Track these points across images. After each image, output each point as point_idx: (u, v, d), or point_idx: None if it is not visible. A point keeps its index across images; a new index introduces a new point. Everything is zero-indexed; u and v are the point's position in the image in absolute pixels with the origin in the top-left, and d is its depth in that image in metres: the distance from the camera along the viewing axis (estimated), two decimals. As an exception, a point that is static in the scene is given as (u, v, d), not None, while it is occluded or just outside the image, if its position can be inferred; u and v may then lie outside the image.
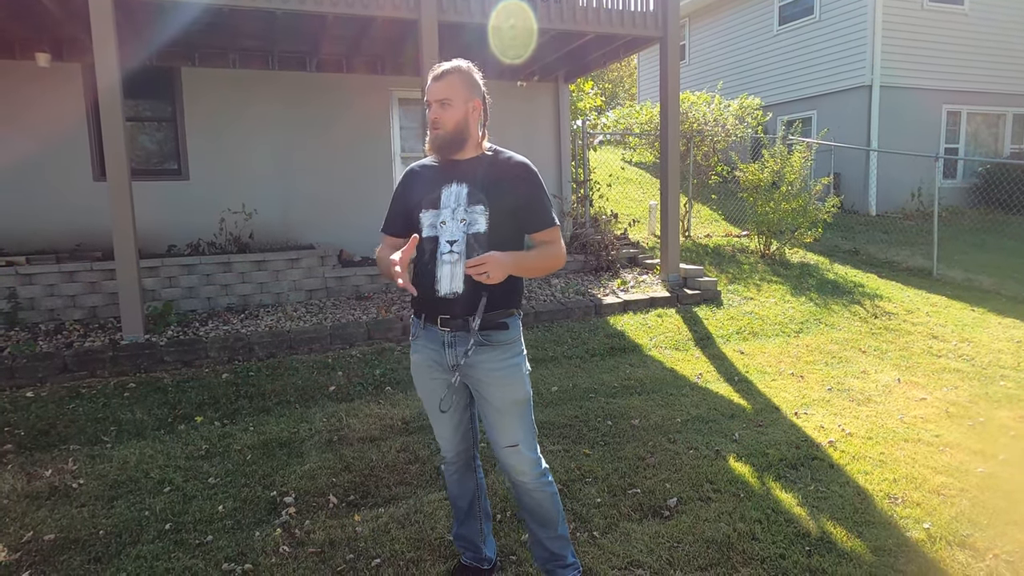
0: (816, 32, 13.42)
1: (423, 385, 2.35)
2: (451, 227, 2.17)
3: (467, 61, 2.27)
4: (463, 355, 2.19)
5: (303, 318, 6.40)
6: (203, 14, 6.27)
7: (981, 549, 2.77)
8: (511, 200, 2.20)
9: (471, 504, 2.48)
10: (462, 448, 2.41)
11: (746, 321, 6.62)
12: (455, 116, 2.19)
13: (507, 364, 2.22)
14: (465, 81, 2.22)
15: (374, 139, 8.77)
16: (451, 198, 2.20)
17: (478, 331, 2.17)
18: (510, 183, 2.22)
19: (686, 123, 10.67)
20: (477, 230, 2.16)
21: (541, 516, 2.34)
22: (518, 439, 2.24)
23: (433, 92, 2.21)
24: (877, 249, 9.95)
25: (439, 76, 2.21)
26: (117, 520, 3.04)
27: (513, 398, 2.23)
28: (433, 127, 2.21)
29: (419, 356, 2.32)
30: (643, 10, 7.35)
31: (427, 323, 2.25)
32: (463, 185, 2.20)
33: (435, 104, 2.20)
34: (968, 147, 13.66)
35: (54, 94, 7.40)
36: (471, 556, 2.56)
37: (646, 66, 18.92)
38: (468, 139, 2.23)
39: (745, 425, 4.12)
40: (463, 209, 2.18)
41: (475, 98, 2.23)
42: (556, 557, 2.38)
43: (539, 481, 2.30)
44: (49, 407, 4.44)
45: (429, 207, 2.22)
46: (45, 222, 7.38)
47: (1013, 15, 13.36)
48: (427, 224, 2.21)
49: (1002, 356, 5.60)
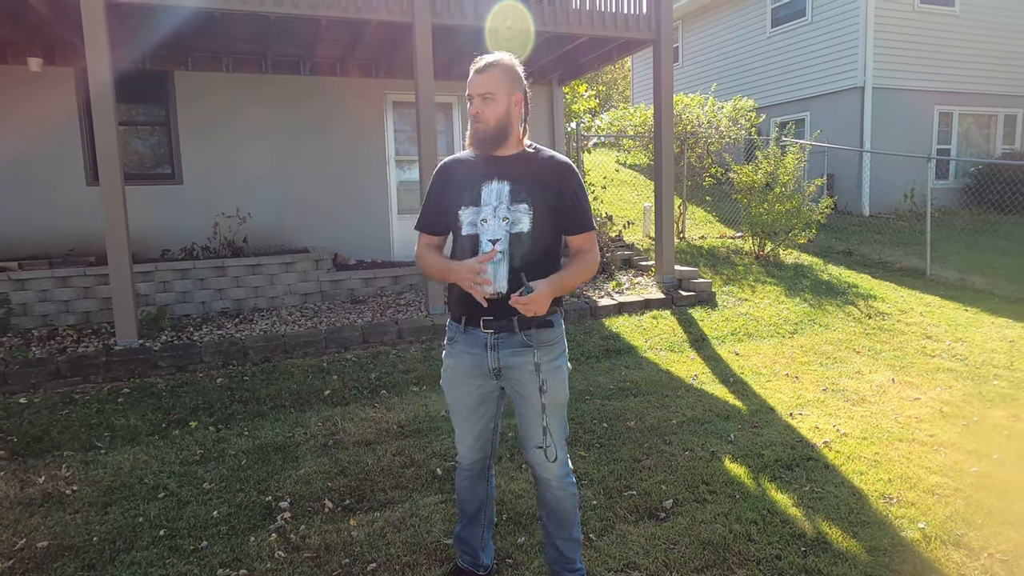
0: (809, 34, 13.48)
1: (456, 390, 2.29)
2: (493, 225, 2.12)
3: (508, 54, 2.20)
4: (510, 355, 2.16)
5: (298, 322, 6.39)
6: (196, 18, 6.26)
7: (976, 548, 2.78)
8: (554, 200, 2.16)
9: (478, 510, 2.47)
10: (480, 456, 2.39)
11: (741, 322, 6.64)
12: (498, 110, 2.13)
13: (553, 366, 2.20)
14: (508, 74, 2.15)
15: (368, 142, 8.76)
16: (492, 195, 2.14)
17: (522, 331, 2.14)
18: (553, 182, 2.17)
19: (680, 125, 10.71)
20: (520, 229, 2.12)
21: (560, 516, 2.34)
22: (553, 439, 2.22)
23: (475, 85, 2.14)
24: (871, 250, 9.99)
25: (481, 69, 2.15)
26: (111, 526, 3.02)
27: (557, 400, 2.22)
28: (475, 121, 2.15)
29: (455, 361, 2.26)
30: (636, 13, 7.37)
31: (468, 326, 2.20)
32: (504, 182, 2.15)
33: (477, 98, 2.14)
34: (960, 148, 13.74)
35: (46, 99, 7.37)
36: (468, 560, 2.54)
37: (640, 68, 18.97)
38: (510, 134, 2.18)
39: (740, 426, 4.13)
40: (505, 207, 2.13)
41: (517, 92, 2.17)
42: (567, 560, 2.39)
43: (564, 480, 2.30)
44: (42, 413, 4.42)
45: (469, 204, 2.16)
46: (38, 227, 7.35)
47: (1003, 16, 13.45)
48: (467, 222, 2.16)
49: (995, 356, 5.63)
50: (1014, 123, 14.16)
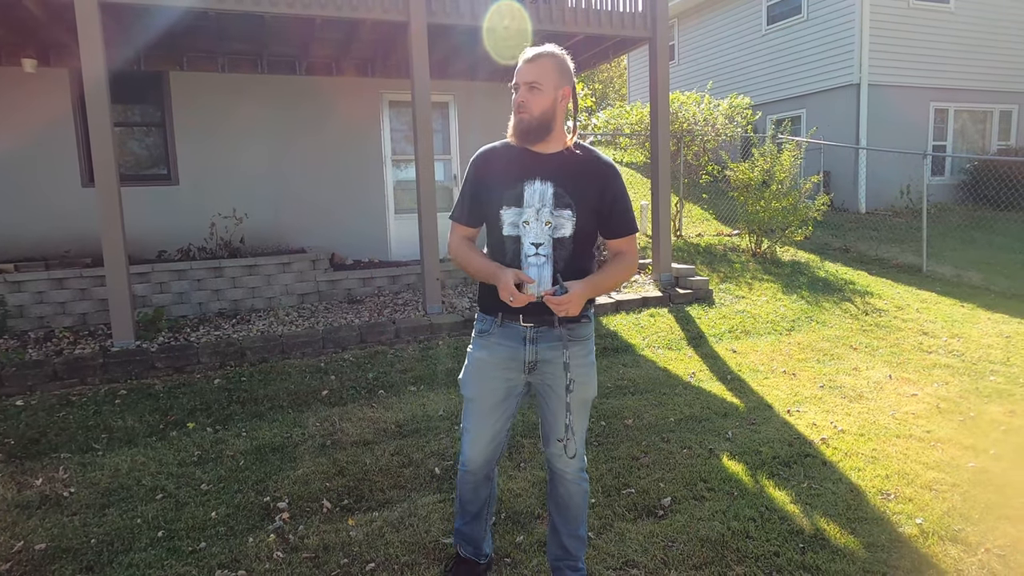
0: (804, 31, 13.50)
1: (483, 384, 2.25)
2: (535, 228, 2.11)
3: (559, 47, 2.16)
4: (559, 347, 2.16)
5: (295, 322, 6.38)
6: (190, 18, 6.25)
7: (973, 543, 2.79)
8: (596, 204, 2.15)
9: (481, 509, 2.47)
10: (489, 459, 2.36)
11: (738, 320, 6.64)
12: (543, 102, 2.09)
13: (586, 362, 2.23)
14: (558, 66, 2.11)
15: (365, 141, 8.75)
16: (535, 196, 2.11)
17: (561, 326, 2.15)
18: (597, 186, 2.15)
19: (676, 123, 10.71)
20: (563, 235, 2.12)
21: (570, 511, 2.35)
22: (575, 433, 2.23)
23: (523, 74, 2.10)
24: (867, 246, 10.01)
25: (531, 59, 2.10)
26: (109, 528, 3.02)
27: (585, 396, 2.25)
28: (518, 111, 2.12)
29: (487, 353, 2.23)
30: (632, 11, 7.37)
31: (505, 320, 2.19)
32: (548, 184, 2.11)
33: (523, 86, 2.10)
34: (955, 144, 13.77)
35: (41, 100, 7.35)
36: (470, 551, 2.55)
37: (636, 66, 18.98)
38: (553, 129, 2.14)
39: (738, 423, 4.14)
40: (548, 211, 2.10)
41: (565, 85, 2.12)
42: (571, 557, 2.40)
43: (579, 475, 2.32)
44: (39, 415, 4.41)
45: (512, 204, 2.13)
46: (33, 229, 7.33)
47: (998, 13, 13.48)
48: (508, 222, 2.13)
49: (992, 351, 5.64)
50: (1009, 119, 14.20)
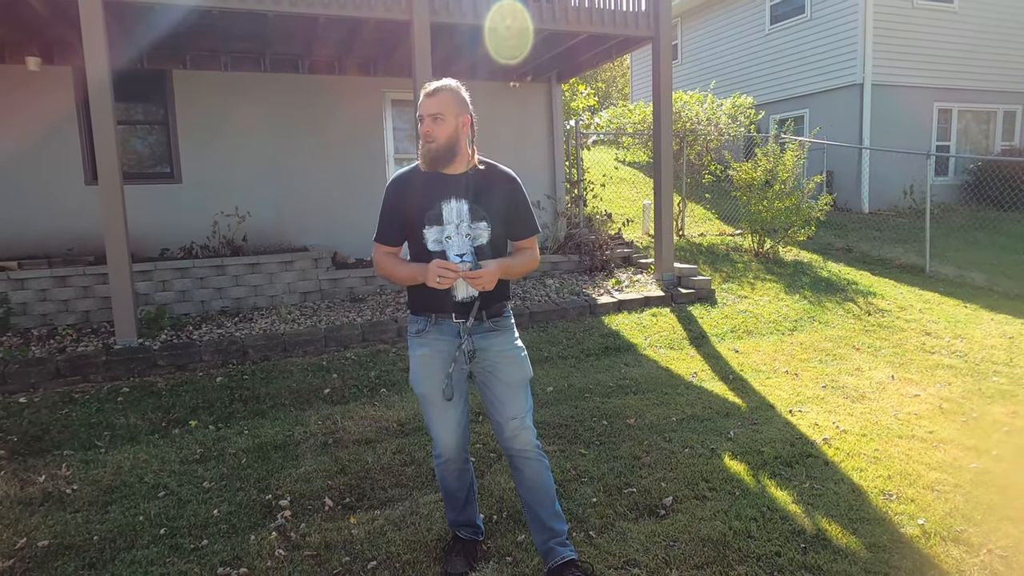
0: (808, 31, 13.47)
1: (433, 379, 2.44)
2: (457, 241, 2.38)
3: (455, 80, 2.44)
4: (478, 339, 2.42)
5: (297, 320, 6.39)
6: (193, 16, 6.25)
7: (975, 545, 2.79)
8: (504, 212, 2.45)
9: (468, 494, 2.68)
10: (461, 444, 2.55)
11: (740, 320, 6.64)
12: (447, 130, 2.35)
13: (515, 345, 2.51)
14: (455, 98, 2.38)
15: (367, 140, 8.76)
16: (453, 214, 2.38)
17: (489, 319, 2.44)
18: (502, 197, 2.45)
19: (679, 122, 10.70)
20: (481, 243, 2.40)
21: (542, 490, 2.50)
22: (524, 411, 2.47)
23: (426, 107, 2.36)
24: (870, 247, 9.99)
25: (431, 93, 2.37)
26: (111, 525, 3.02)
27: (522, 375, 2.49)
28: (426, 140, 2.37)
29: (428, 349, 2.45)
30: (635, 10, 7.36)
31: (439, 319, 2.43)
32: (462, 201, 2.39)
33: (427, 118, 2.36)
34: (959, 144, 13.73)
35: (44, 98, 7.36)
36: (469, 533, 2.73)
37: (639, 66, 18.95)
38: (459, 153, 2.39)
39: (740, 423, 4.13)
40: (467, 225, 2.39)
41: (464, 114, 2.40)
42: (556, 533, 2.51)
43: (537, 451, 2.51)
44: (42, 412, 4.42)
45: (433, 223, 2.38)
46: (36, 226, 7.34)
47: (1003, 13, 13.44)
48: (432, 240, 2.39)
49: (995, 352, 5.63)
50: (1013, 119, 14.16)
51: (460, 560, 2.64)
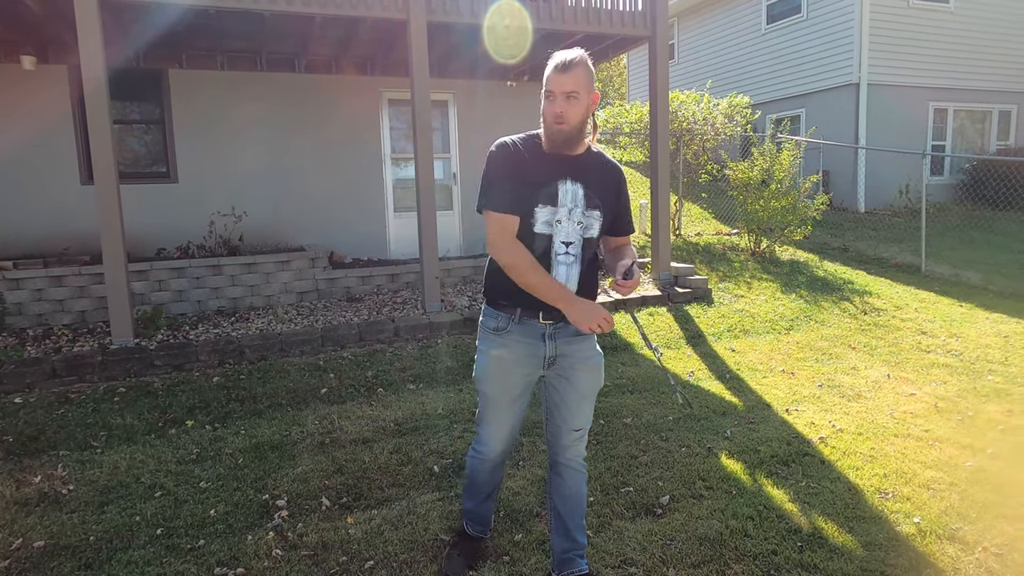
0: (804, 31, 13.49)
1: (503, 380, 2.30)
2: (567, 227, 2.16)
3: (582, 51, 2.13)
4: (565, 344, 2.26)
5: (294, 320, 6.38)
6: (189, 15, 6.23)
7: (971, 542, 2.80)
8: (614, 205, 2.26)
9: (492, 490, 2.62)
10: (506, 448, 2.47)
11: (737, 319, 6.65)
12: (580, 111, 2.09)
13: (597, 352, 2.35)
14: (589, 75, 2.11)
15: (364, 140, 8.75)
16: (568, 197, 2.15)
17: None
18: (614, 187, 2.26)
19: (676, 122, 10.70)
20: (591, 234, 2.20)
21: (575, 501, 2.41)
22: (586, 424, 2.36)
23: (559, 83, 2.06)
24: (866, 246, 10.02)
25: (565, 67, 2.06)
26: (107, 526, 3.02)
27: (597, 385, 2.36)
28: (557, 121, 2.09)
29: (506, 351, 2.26)
30: (632, 10, 7.36)
31: (523, 317, 2.23)
32: (579, 185, 2.16)
33: (560, 96, 2.07)
34: (955, 144, 13.78)
35: (40, 97, 7.33)
36: (478, 528, 2.69)
37: (636, 65, 18.97)
38: (585, 135, 2.18)
39: (737, 422, 4.14)
40: (580, 211, 2.16)
41: (594, 91, 2.15)
42: (578, 545, 2.45)
43: (583, 465, 2.43)
44: (38, 413, 4.41)
45: (546, 203, 2.14)
46: (32, 226, 7.32)
47: (998, 12, 13.48)
48: (541, 220, 2.15)
49: (990, 351, 5.65)
50: (1008, 119, 14.20)
51: (460, 561, 2.60)
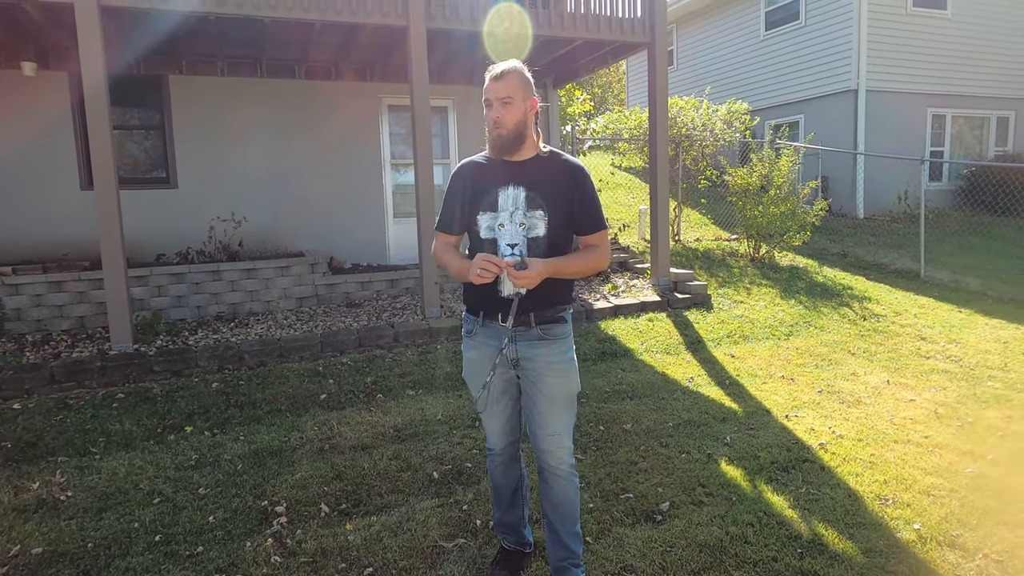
0: (802, 37, 13.53)
1: (479, 379, 2.39)
2: (510, 230, 2.25)
3: (519, 61, 2.29)
4: (526, 347, 2.29)
5: (293, 326, 6.38)
6: (190, 22, 6.26)
7: (971, 549, 2.79)
8: (566, 204, 2.28)
9: (514, 492, 2.60)
10: (510, 441, 2.51)
11: (736, 324, 6.65)
12: (516, 115, 2.22)
13: (565, 357, 2.34)
14: (523, 80, 2.25)
15: (364, 146, 8.76)
16: (508, 201, 2.26)
17: (538, 326, 2.29)
18: (566, 186, 2.28)
19: (675, 128, 10.72)
20: (536, 234, 2.25)
21: (565, 509, 2.41)
22: (563, 428, 2.36)
23: (493, 91, 2.22)
24: (865, 252, 10.03)
25: (499, 76, 2.22)
26: (106, 532, 3.01)
27: (567, 390, 2.35)
28: (496, 126, 2.23)
29: (476, 352, 2.39)
30: (631, 16, 7.39)
31: (486, 320, 2.34)
32: (520, 188, 2.26)
33: (496, 103, 2.22)
34: (953, 150, 13.80)
35: (40, 103, 7.35)
36: (513, 541, 2.66)
37: (635, 71, 19.02)
38: (526, 139, 2.28)
39: (736, 428, 4.14)
40: (522, 213, 2.25)
41: (532, 96, 2.27)
42: (572, 555, 2.45)
43: (570, 471, 2.41)
44: (36, 419, 4.40)
45: (487, 209, 2.28)
46: (31, 231, 7.32)
47: (996, 19, 13.53)
48: (484, 226, 2.28)
49: (989, 357, 5.65)
50: (1007, 125, 14.23)
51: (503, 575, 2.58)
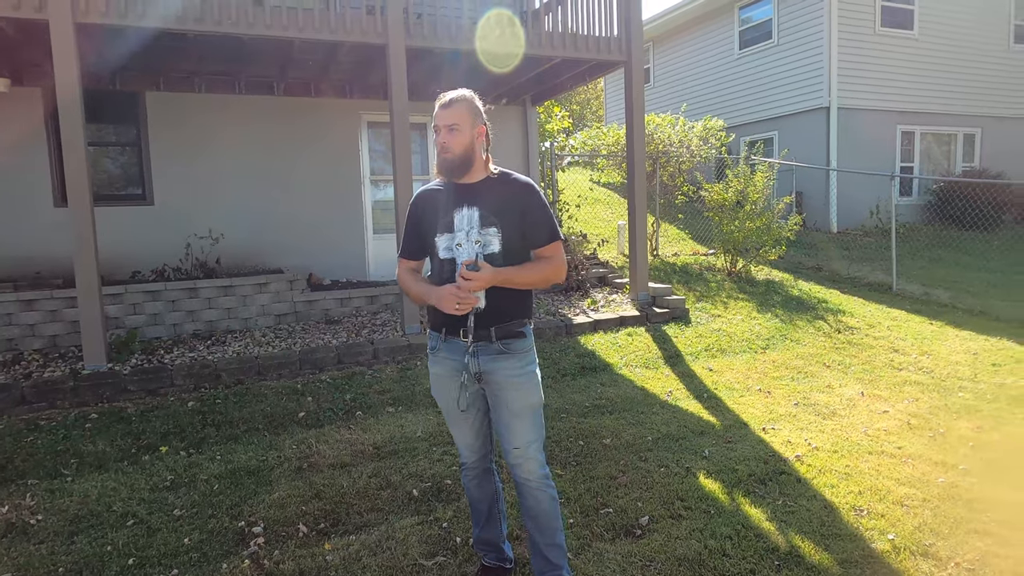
0: (775, 56, 13.84)
1: (446, 394, 2.46)
2: (467, 248, 2.35)
3: (469, 90, 2.44)
4: (488, 361, 2.36)
5: (271, 343, 6.32)
6: (167, 39, 6.23)
7: (943, 558, 2.84)
8: (518, 220, 2.38)
9: (490, 507, 2.64)
10: (482, 454, 2.57)
11: (714, 338, 6.72)
12: (463, 140, 2.35)
13: (525, 371, 2.40)
14: (470, 108, 2.39)
15: (343, 162, 8.76)
16: (464, 221, 2.37)
17: (498, 340, 2.36)
18: (517, 204, 2.39)
19: (652, 144, 10.87)
20: (492, 251, 2.35)
21: (541, 520, 2.45)
22: (528, 441, 2.41)
23: (441, 118, 2.37)
24: (839, 265, 10.21)
25: (447, 104, 2.37)
26: (77, 556, 2.95)
27: (528, 402, 2.40)
28: (443, 151, 2.37)
29: (441, 368, 2.46)
30: (608, 35, 7.51)
31: (448, 336, 2.41)
32: (474, 208, 2.37)
33: (444, 129, 2.36)
34: (922, 166, 14.15)
35: (13, 119, 7.25)
36: (493, 557, 2.69)
37: (612, 89, 19.27)
38: (475, 162, 2.40)
39: (714, 442, 4.17)
40: (477, 231, 2.35)
41: (480, 124, 2.41)
42: (553, 567, 2.46)
43: (543, 482, 2.45)
44: (6, 440, 4.30)
45: (444, 231, 2.38)
46: (3, 249, 7.19)
47: (961, 39, 13.96)
48: (443, 247, 2.38)
49: (960, 368, 5.77)
50: (973, 142, 14.64)
51: None
